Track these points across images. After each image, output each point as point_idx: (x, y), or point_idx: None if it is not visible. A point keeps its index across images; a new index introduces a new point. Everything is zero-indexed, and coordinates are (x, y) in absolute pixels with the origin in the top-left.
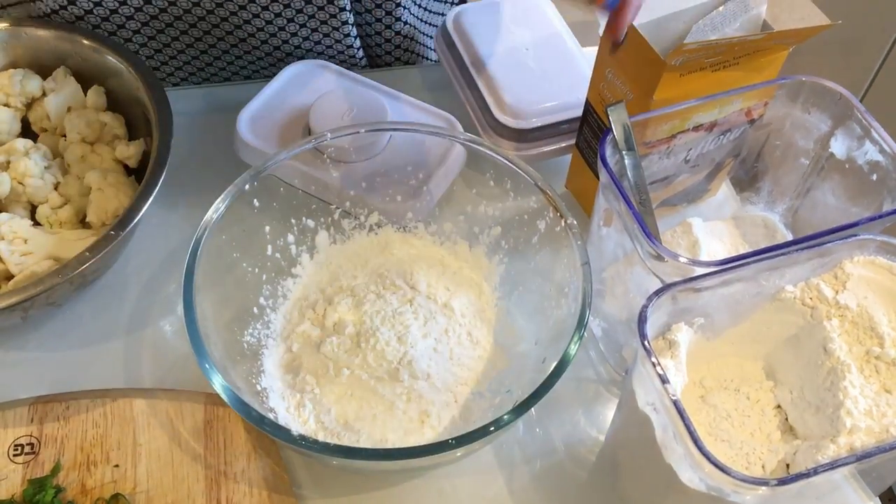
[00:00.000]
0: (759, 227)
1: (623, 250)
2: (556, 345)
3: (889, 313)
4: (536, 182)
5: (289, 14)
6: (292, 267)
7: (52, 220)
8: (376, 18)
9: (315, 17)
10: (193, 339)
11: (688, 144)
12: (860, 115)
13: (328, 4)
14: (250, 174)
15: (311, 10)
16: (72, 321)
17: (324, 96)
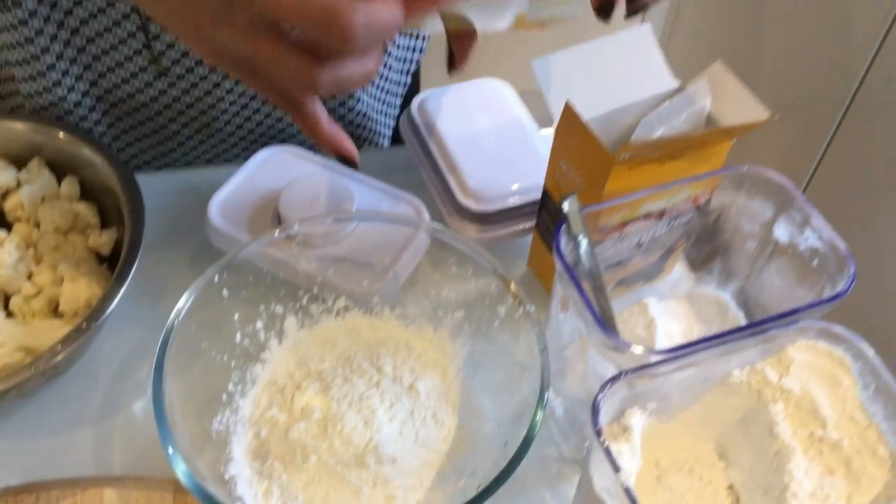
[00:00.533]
0: (713, 306)
1: (580, 333)
2: (518, 426)
3: (830, 396)
4: (495, 269)
5: (246, 99)
6: (261, 352)
7: (25, 310)
8: (330, 108)
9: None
10: (162, 430)
11: (639, 231)
12: (800, 203)
13: None
14: (220, 266)
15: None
16: (42, 409)
17: (292, 183)
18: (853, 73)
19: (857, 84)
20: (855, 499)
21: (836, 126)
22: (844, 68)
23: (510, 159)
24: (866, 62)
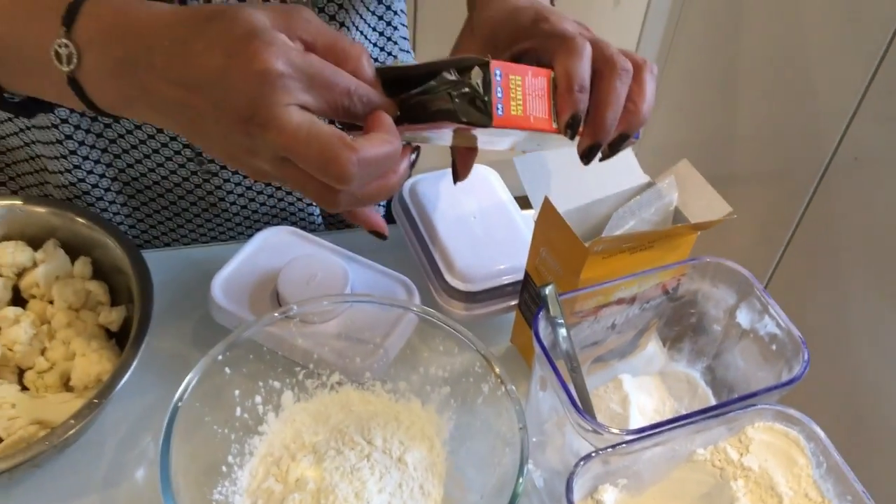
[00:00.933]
0: (683, 383)
1: (557, 412)
2: (500, 497)
3: (786, 474)
4: (479, 350)
5: (251, 181)
6: (259, 425)
7: (39, 384)
8: None
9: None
10: (167, 500)
11: (613, 314)
12: (759, 292)
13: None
14: (224, 345)
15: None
16: (50, 478)
17: (290, 263)
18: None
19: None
20: None
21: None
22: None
23: (495, 241)
24: (835, 141)
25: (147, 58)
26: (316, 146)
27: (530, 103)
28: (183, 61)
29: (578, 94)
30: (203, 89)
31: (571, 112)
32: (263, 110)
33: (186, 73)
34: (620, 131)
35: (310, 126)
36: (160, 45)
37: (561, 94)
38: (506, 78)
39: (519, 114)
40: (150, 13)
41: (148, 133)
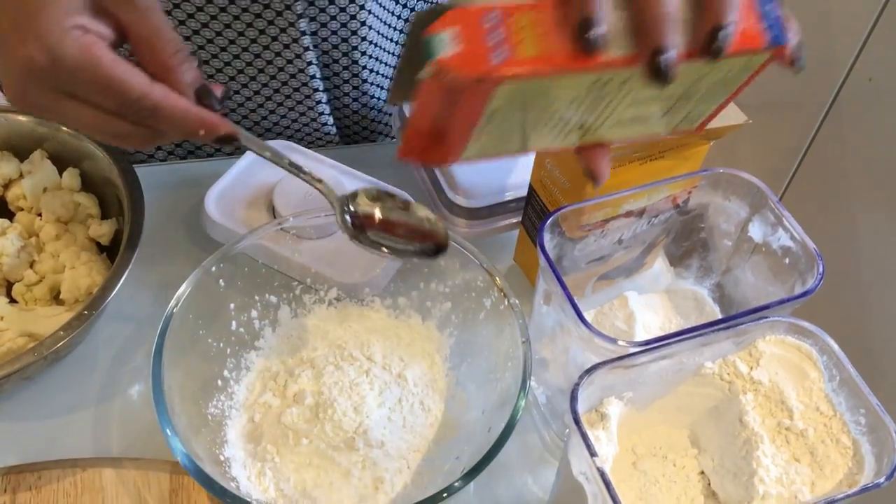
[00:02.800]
0: (690, 301)
1: (561, 326)
2: (501, 413)
3: (797, 388)
4: (482, 263)
5: (266, 93)
6: (255, 340)
7: (28, 297)
8: (345, 104)
9: (291, 97)
10: (160, 413)
11: (621, 228)
12: (773, 204)
13: (303, 86)
14: (216, 257)
15: (287, 90)
16: (43, 392)
17: (286, 178)
18: (836, 72)
19: (839, 83)
20: (818, 485)
21: (819, 124)
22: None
23: None
24: (849, 60)
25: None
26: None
27: (550, 38)
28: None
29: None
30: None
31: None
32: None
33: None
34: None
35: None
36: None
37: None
38: (506, 20)
39: (533, 53)
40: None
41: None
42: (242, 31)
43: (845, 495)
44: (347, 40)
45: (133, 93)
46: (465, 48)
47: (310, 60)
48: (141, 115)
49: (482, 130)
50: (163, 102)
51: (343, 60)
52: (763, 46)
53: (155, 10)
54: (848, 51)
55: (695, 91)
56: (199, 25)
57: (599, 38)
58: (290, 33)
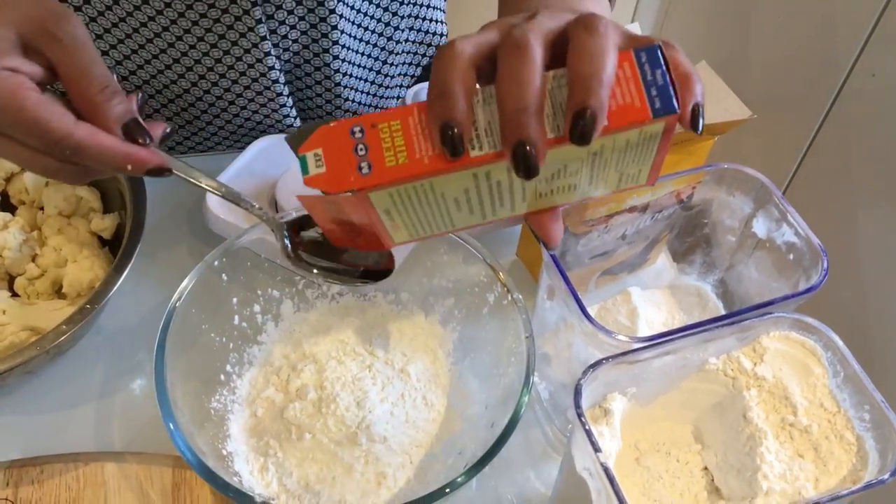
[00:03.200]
0: (693, 296)
1: (565, 322)
2: (504, 409)
3: (801, 384)
4: (485, 258)
5: (230, 97)
6: (258, 335)
7: (30, 290)
8: (318, 105)
9: (255, 100)
10: (163, 408)
11: (624, 223)
12: (777, 200)
13: (266, 90)
14: (219, 251)
15: (250, 94)
16: (45, 386)
17: (289, 171)
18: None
19: (842, 79)
20: (822, 481)
21: (822, 120)
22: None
23: None
24: (852, 56)
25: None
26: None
27: (415, 146)
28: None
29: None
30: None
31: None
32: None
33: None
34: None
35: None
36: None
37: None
38: (371, 131)
39: (401, 162)
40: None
41: (111, 43)
42: (202, 36)
43: (849, 491)
44: (318, 41)
45: (55, 133)
46: (330, 166)
47: (271, 65)
48: (65, 154)
49: (393, 225)
50: (85, 141)
51: (315, 61)
52: (649, 118)
53: (83, 48)
54: (851, 47)
55: (605, 161)
56: (161, 28)
57: (459, 140)
58: (249, 38)
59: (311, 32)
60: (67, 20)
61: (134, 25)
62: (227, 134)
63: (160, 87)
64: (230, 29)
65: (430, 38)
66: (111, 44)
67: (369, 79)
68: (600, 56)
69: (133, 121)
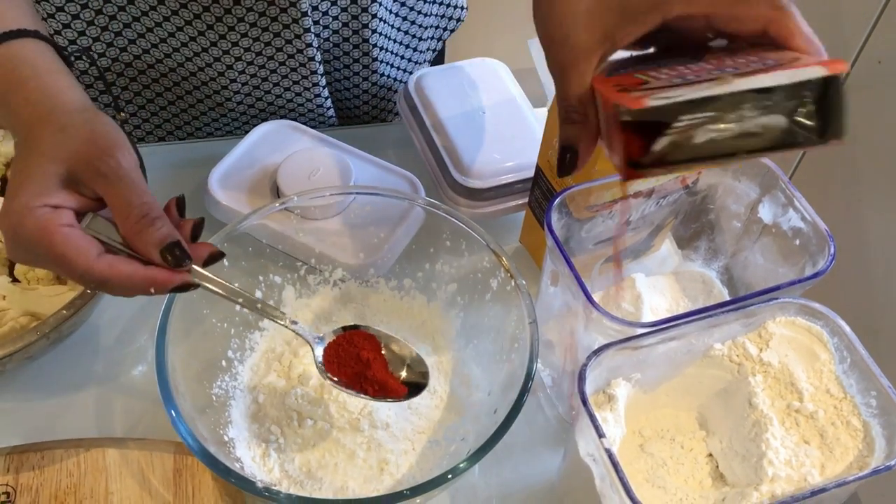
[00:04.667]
0: (698, 283)
1: (568, 307)
2: (507, 395)
3: (807, 370)
4: (488, 244)
5: (264, 74)
6: (259, 321)
7: (30, 276)
8: (353, 83)
9: (288, 76)
10: (164, 393)
11: (629, 208)
12: (784, 185)
13: (301, 66)
14: (220, 237)
15: (284, 70)
16: (46, 372)
17: (291, 157)
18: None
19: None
20: (828, 467)
21: None
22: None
23: (504, 137)
24: (858, 43)
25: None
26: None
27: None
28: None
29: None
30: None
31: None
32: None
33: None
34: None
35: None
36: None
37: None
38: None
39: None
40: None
41: (147, 26)
42: (242, 16)
43: (856, 478)
44: (358, 17)
45: (77, 268)
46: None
47: (310, 42)
48: (90, 285)
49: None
50: (104, 274)
51: (353, 38)
52: None
53: (125, 179)
54: (857, 33)
55: None
56: (201, 9)
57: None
58: (290, 13)
59: (352, 8)
60: (112, 156)
61: (173, 7)
62: (256, 112)
63: (195, 69)
64: (271, 5)
65: (453, 10)
66: (148, 27)
67: (399, 52)
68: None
69: (171, 245)
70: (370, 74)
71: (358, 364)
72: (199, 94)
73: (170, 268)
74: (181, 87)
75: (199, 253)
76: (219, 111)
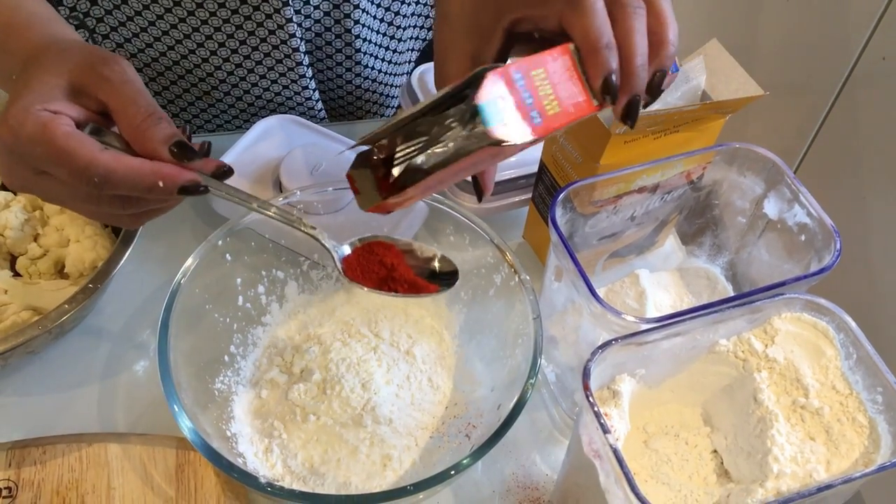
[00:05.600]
0: (702, 279)
1: (572, 303)
2: (511, 391)
3: (813, 366)
4: (492, 239)
5: (248, 65)
6: (262, 316)
7: (32, 270)
8: (337, 75)
9: (274, 69)
10: (167, 388)
11: (633, 204)
12: (790, 180)
13: (286, 58)
14: (223, 231)
15: (269, 62)
16: (48, 367)
17: (293, 152)
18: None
19: (853, 62)
20: (834, 464)
21: (831, 104)
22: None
23: None
24: (863, 40)
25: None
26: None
27: (563, 91)
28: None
29: (605, 52)
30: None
31: (603, 74)
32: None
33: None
34: (654, 69)
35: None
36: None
37: (585, 59)
38: (528, 77)
39: (557, 110)
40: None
41: (127, 15)
42: (223, 2)
43: (861, 474)
44: (339, 7)
45: (80, 160)
46: (509, 117)
47: (293, 32)
48: (94, 182)
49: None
50: (110, 164)
51: (336, 28)
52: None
53: (130, 82)
54: (861, 30)
55: None
56: (195, 5)
57: (616, 89)
58: (272, 3)
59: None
60: (116, 62)
61: (166, 5)
62: (244, 106)
63: (178, 58)
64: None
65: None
66: (141, 26)
67: (384, 44)
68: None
69: (179, 142)
70: (354, 66)
71: (382, 269)
72: (186, 84)
73: (178, 163)
74: (170, 81)
75: (207, 166)
76: (206, 100)
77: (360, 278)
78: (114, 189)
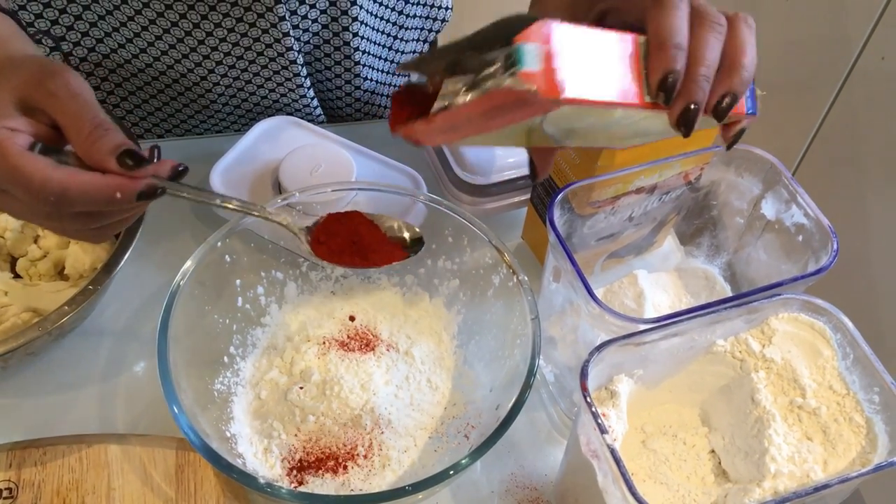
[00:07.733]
0: (701, 279)
1: (571, 304)
2: (509, 391)
3: (810, 366)
4: (490, 240)
5: (242, 65)
6: (261, 317)
7: (32, 272)
8: (336, 87)
9: (267, 66)
10: (166, 389)
11: (631, 205)
12: (787, 180)
13: (279, 56)
14: (222, 233)
15: (267, 73)
16: (48, 368)
17: (293, 153)
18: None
19: (851, 61)
20: (831, 463)
21: (830, 104)
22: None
23: None
24: (862, 40)
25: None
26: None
27: (613, 72)
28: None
29: (673, 50)
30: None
31: (664, 70)
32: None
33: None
34: (723, 91)
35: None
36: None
37: (652, 52)
38: (574, 43)
39: (598, 85)
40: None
41: (120, 20)
42: (221, 20)
43: (858, 474)
44: (338, 20)
45: (34, 179)
46: (545, 66)
47: (290, 45)
48: (50, 200)
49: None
50: (65, 182)
51: (334, 41)
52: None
53: (77, 96)
54: (860, 30)
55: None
56: (186, 8)
57: (674, 88)
58: (268, 18)
59: (331, 10)
60: (62, 75)
61: (158, 9)
62: (241, 112)
63: (172, 62)
64: (248, 11)
65: (437, 12)
66: (135, 31)
67: (383, 55)
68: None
69: (127, 150)
70: (353, 77)
71: (349, 236)
72: (180, 88)
73: (130, 173)
74: (164, 85)
75: (162, 168)
76: (200, 103)
77: (329, 255)
78: (71, 206)
